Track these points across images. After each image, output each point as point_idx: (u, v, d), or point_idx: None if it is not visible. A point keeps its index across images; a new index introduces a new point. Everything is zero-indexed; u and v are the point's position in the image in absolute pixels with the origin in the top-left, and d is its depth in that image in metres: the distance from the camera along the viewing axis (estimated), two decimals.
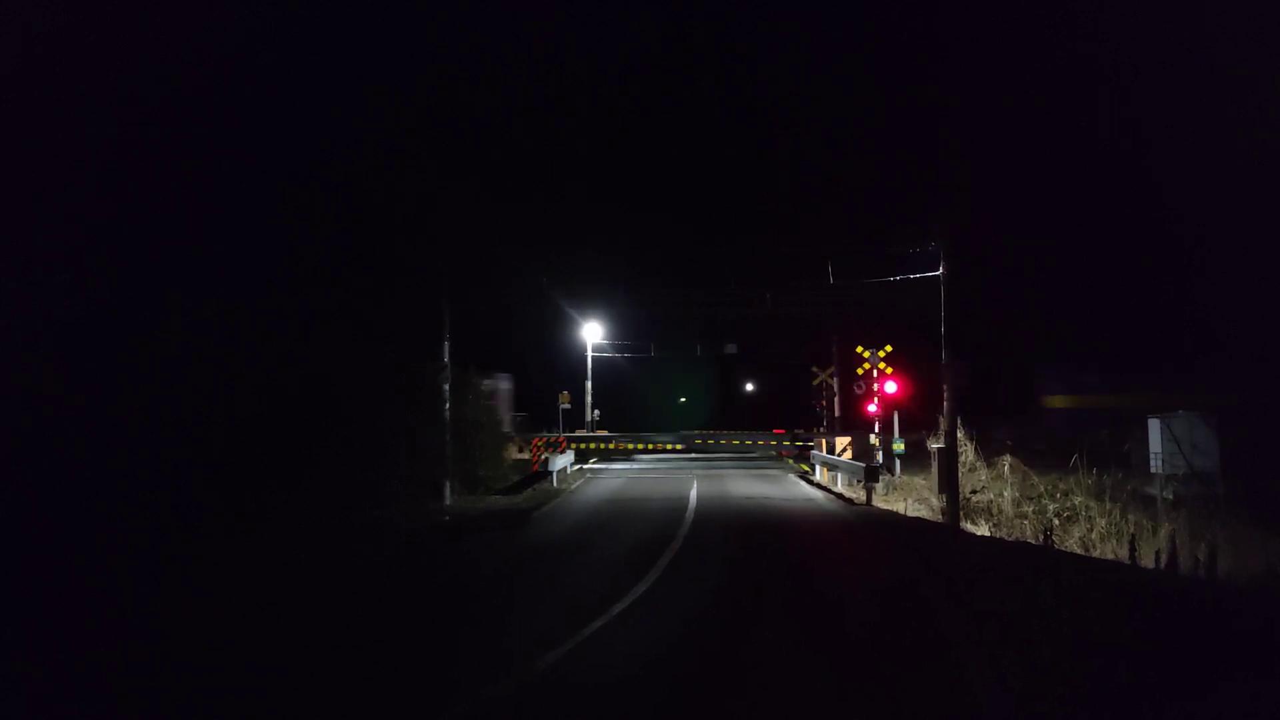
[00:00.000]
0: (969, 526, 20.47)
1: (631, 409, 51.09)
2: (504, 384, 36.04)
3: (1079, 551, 17.38)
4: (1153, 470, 25.09)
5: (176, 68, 15.47)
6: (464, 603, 11.22)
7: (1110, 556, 16.57)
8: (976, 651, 8.44)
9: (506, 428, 34.49)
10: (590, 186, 66.63)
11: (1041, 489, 22.15)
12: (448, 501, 21.72)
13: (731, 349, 44.77)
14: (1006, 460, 23.44)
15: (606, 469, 35.76)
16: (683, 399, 63.61)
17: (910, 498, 23.90)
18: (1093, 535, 18.40)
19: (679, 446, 38.76)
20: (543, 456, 30.14)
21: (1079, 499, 20.52)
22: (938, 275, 21.96)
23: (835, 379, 36.82)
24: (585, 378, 43.38)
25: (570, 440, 34.23)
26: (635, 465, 38.35)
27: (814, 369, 39.18)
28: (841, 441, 33.45)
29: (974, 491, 22.85)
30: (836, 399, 36.94)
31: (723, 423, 54.73)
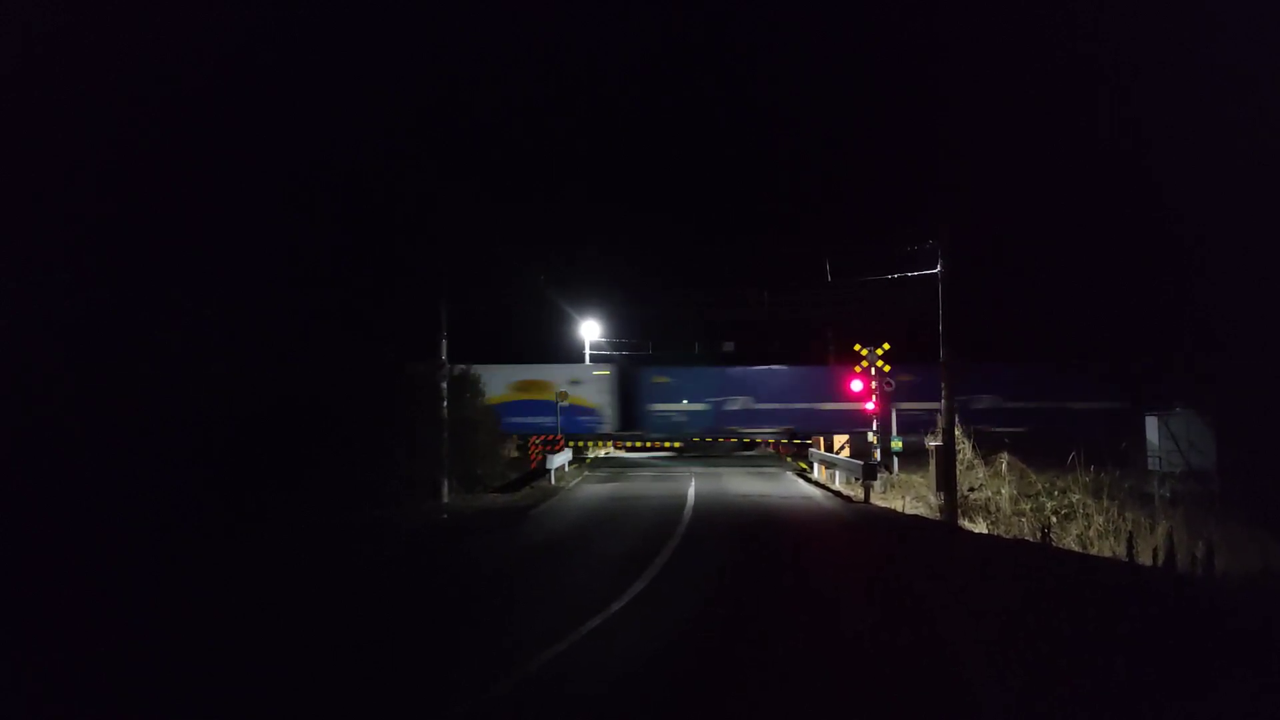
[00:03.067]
0: (967, 524, 20.52)
1: None
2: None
3: (1076, 549, 17.43)
4: (1150, 468, 25.14)
5: (176, 68, 15.49)
6: (463, 602, 11.25)
7: (1108, 554, 16.61)
8: (974, 650, 8.47)
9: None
10: (590, 186, 66.75)
11: (1039, 487, 22.22)
12: (445, 500, 21.77)
13: (729, 348, 44.78)
14: (1004, 458, 23.51)
15: (604, 466, 35.76)
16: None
17: (908, 495, 23.95)
18: (1090, 533, 18.45)
19: (677, 444, 38.85)
20: (541, 454, 30.17)
21: (1077, 497, 20.58)
22: (936, 274, 22.01)
23: None
24: None
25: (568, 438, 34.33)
26: (633, 462, 38.35)
27: None
28: (839, 439, 33.50)
29: (972, 489, 22.91)
30: None
31: None
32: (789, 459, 36.65)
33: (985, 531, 20.05)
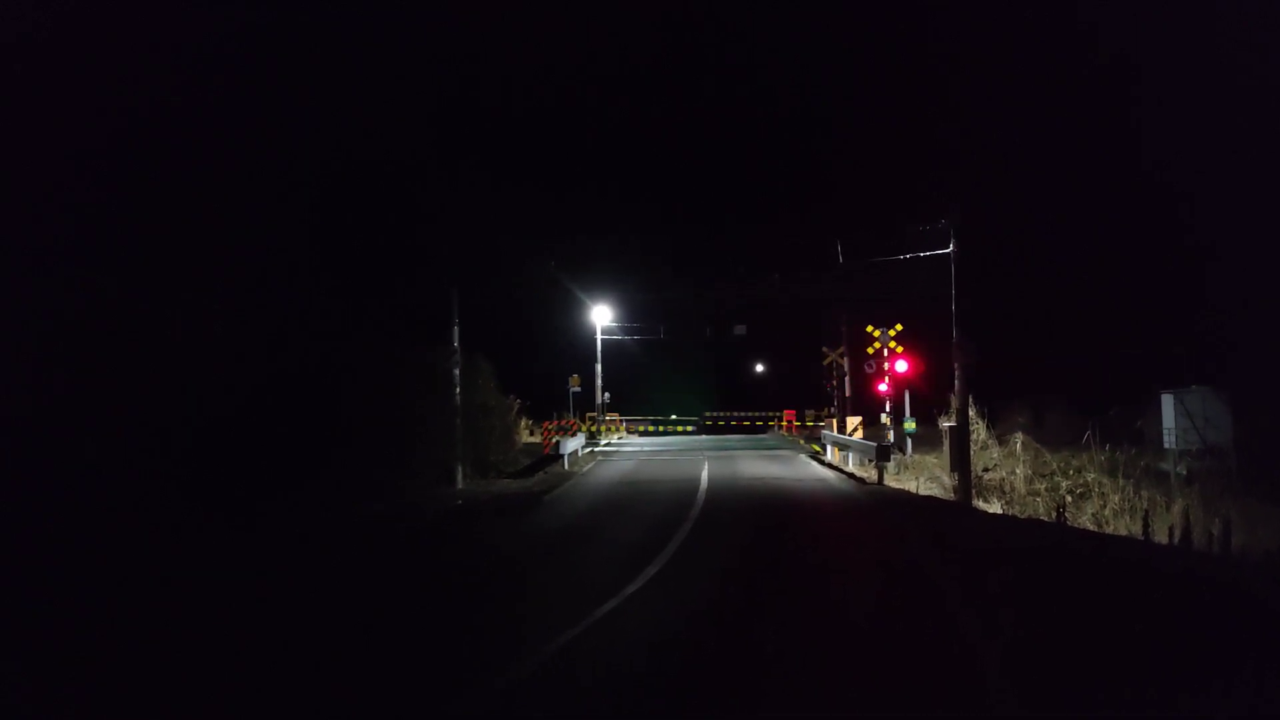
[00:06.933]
0: (981, 504, 20.46)
1: (642, 392, 51.22)
2: None
3: (1092, 528, 17.37)
4: (1166, 446, 25.05)
5: (182, 55, 15.46)
6: (479, 586, 11.26)
7: (1124, 533, 16.56)
8: (987, 631, 8.43)
9: None
10: (601, 170, 66.57)
11: (1054, 466, 22.14)
12: (459, 486, 21.82)
13: (741, 330, 44.72)
14: (1019, 438, 23.44)
15: (618, 451, 35.82)
16: (688, 384, 63.73)
17: (922, 476, 23.90)
18: (1106, 512, 18.38)
19: (689, 429, 38.96)
20: (554, 440, 30.23)
21: (1092, 476, 20.51)
22: (948, 253, 21.90)
23: (845, 359, 36.76)
24: (595, 360, 43.38)
25: (588, 417, 34.36)
26: (646, 447, 38.41)
27: (824, 349, 39.15)
28: (852, 421, 33.45)
29: (986, 469, 22.85)
30: (847, 379, 36.87)
31: (733, 404, 54.85)
32: (802, 441, 36.63)
33: (1000, 511, 19.99)
